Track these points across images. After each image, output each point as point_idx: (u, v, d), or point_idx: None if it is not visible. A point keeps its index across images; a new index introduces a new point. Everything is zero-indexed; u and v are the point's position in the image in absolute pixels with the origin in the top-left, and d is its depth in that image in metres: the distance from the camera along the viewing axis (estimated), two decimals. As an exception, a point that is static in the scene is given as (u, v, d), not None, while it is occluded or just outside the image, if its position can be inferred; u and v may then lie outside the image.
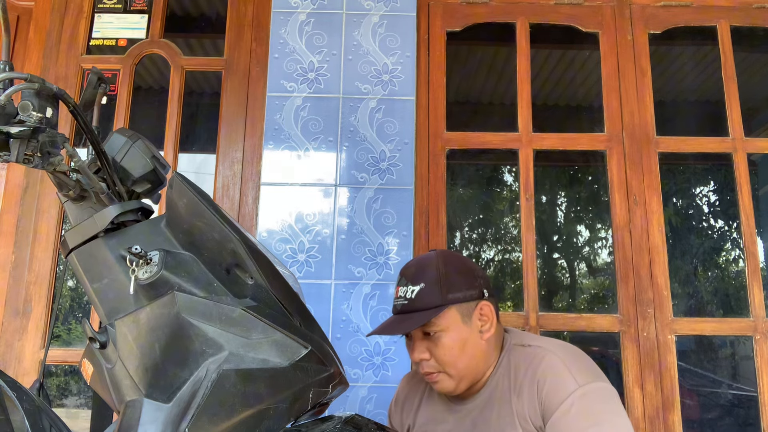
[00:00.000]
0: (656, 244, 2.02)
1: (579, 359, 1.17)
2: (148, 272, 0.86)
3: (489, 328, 1.22)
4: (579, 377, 1.11)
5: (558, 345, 1.20)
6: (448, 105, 2.14)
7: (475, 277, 1.24)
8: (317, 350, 0.89)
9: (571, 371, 1.12)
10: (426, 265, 1.22)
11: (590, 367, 1.16)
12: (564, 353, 1.17)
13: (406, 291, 1.21)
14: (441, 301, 1.18)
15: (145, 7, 2.25)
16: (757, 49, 2.81)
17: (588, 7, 2.23)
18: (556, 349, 1.18)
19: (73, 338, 3.41)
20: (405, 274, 1.24)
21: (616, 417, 1.09)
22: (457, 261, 1.25)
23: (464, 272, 1.23)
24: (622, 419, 1.09)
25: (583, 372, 1.13)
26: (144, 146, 0.99)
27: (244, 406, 0.82)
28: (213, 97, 2.58)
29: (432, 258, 1.24)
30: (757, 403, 1.94)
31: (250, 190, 2.07)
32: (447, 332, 1.18)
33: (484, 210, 6.20)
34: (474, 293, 1.22)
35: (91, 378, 0.92)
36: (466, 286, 1.21)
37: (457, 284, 1.20)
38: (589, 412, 1.08)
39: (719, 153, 2.16)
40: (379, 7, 2.07)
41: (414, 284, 1.20)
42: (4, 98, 0.77)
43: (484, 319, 1.22)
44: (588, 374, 1.13)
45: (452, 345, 1.18)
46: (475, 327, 1.21)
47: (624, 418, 1.10)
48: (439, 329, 1.18)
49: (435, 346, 1.19)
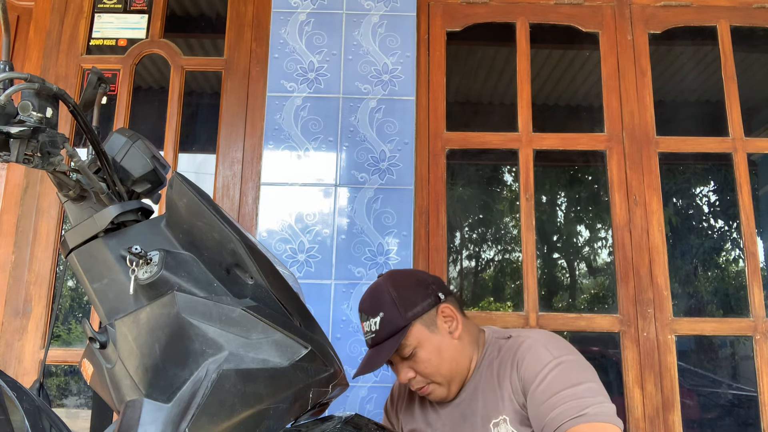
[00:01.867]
0: (656, 244, 2.02)
1: (556, 340, 1.23)
2: (148, 272, 0.86)
3: (456, 326, 1.27)
4: (554, 351, 1.17)
5: (536, 331, 1.28)
6: (448, 105, 2.14)
7: (427, 285, 1.28)
8: (317, 350, 0.89)
9: (547, 347, 1.18)
10: (378, 294, 1.26)
11: (566, 346, 1.21)
12: (541, 335, 1.24)
13: (369, 325, 1.25)
14: (403, 323, 1.22)
15: (145, 7, 2.25)
16: (757, 49, 2.81)
17: (588, 7, 2.23)
18: (534, 334, 1.25)
19: (73, 338, 3.41)
20: (363, 309, 1.28)
21: (590, 381, 1.13)
22: (404, 278, 1.29)
23: (414, 286, 1.27)
24: (596, 384, 1.13)
25: (559, 348, 1.19)
26: (144, 146, 0.99)
27: (244, 406, 0.82)
28: (213, 97, 2.58)
29: (381, 285, 1.28)
30: (757, 403, 1.94)
31: (250, 190, 2.07)
32: (421, 347, 1.23)
33: (484, 210, 6.20)
34: (431, 301, 1.26)
35: (91, 378, 0.92)
36: (421, 298, 1.26)
37: (413, 300, 1.24)
38: (566, 376, 1.13)
39: (719, 153, 2.16)
40: (379, 7, 2.07)
41: (374, 316, 1.24)
42: (4, 98, 0.77)
43: (449, 320, 1.27)
44: (565, 349, 1.19)
45: (430, 356, 1.23)
46: (444, 330, 1.25)
47: (597, 383, 1.14)
48: (412, 348, 1.23)
49: (415, 363, 1.24)
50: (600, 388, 1.13)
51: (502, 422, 1.18)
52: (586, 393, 1.10)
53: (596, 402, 1.09)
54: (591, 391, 1.11)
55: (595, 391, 1.11)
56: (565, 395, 1.10)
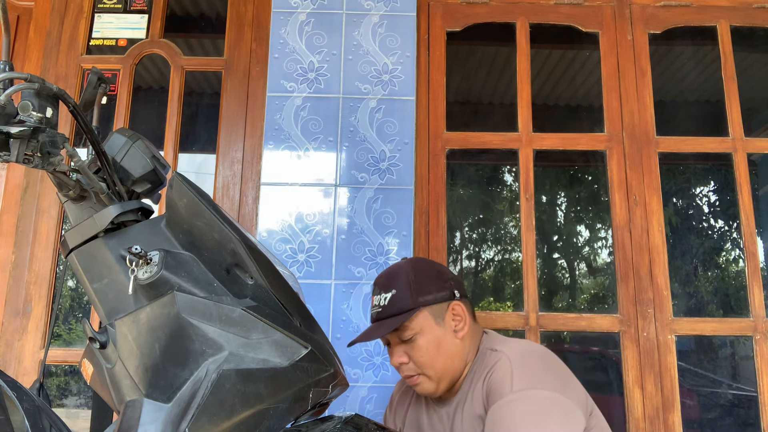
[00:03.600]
0: (656, 244, 2.02)
1: (530, 365, 1.16)
2: (148, 272, 0.86)
3: (463, 327, 1.26)
4: (517, 383, 1.10)
5: (519, 351, 1.19)
6: (448, 105, 2.14)
7: (446, 279, 1.29)
8: (317, 350, 0.89)
9: (513, 377, 1.12)
10: (396, 273, 1.28)
11: (536, 374, 1.14)
12: (517, 358, 1.16)
13: (379, 299, 1.26)
14: (412, 305, 1.23)
15: (145, 7, 2.25)
16: (757, 49, 2.81)
17: (588, 7, 2.23)
18: (513, 353, 1.18)
19: (74, 338, 3.41)
20: (378, 283, 1.30)
21: (532, 427, 1.05)
22: (426, 266, 1.31)
23: (433, 276, 1.28)
24: (536, 429, 1.04)
25: (524, 378, 1.12)
26: (144, 146, 0.99)
27: (244, 406, 0.82)
28: (213, 97, 2.58)
29: (402, 266, 1.29)
30: (757, 403, 1.94)
31: (250, 190, 2.07)
32: (422, 334, 1.23)
33: (484, 210, 6.20)
34: (445, 294, 1.27)
35: (91, 378, 0.92)
36: (436, 288, 1.26)
37: (427, 287, 1.25)
38: (507, 422, 1.06)
39: (719, 153, 2.16)
40: (379, 7, 2.07)
41: (386, 291, 1.26)
42: (4, 98, 0.77)
43: (457, 319, 1.27)
44: (529, 381, 1.11)
45: (428, 346, 1.23)
46: (449, 327, 1.25)
47: (540, 427, 1.05)
48: (413, 332, 1.23)
49: (412, 349, 1.24)
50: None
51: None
52: None
53: None
54: None
55: None
56: None
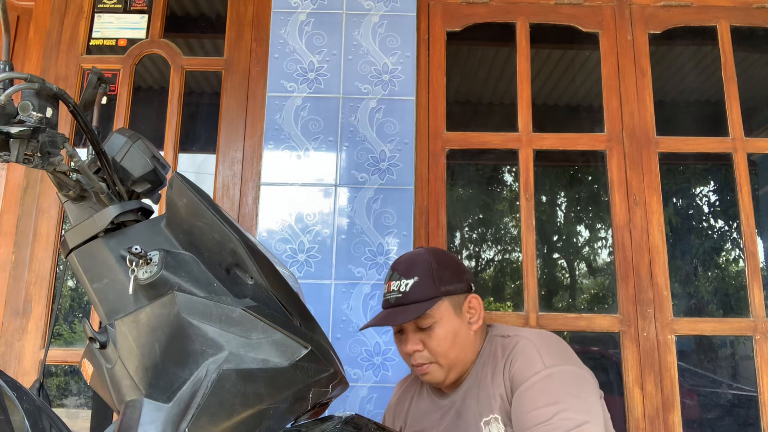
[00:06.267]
0: (656, 244, 2.02)
1: (552, 344, 1.21)
2: (148, 272, 0.86)
3: (477, 320, 1.28)
4: (547, 359, 1.15)
5: (534, 332, 1.25)
6: (448, 105, 2.14)
7: (463, 272, 1.30)
8: (317, 350, 0.89)
9: (540, 353, 1.16)
10: (417, 260, 1.27)
11: (561, 352, 1.19)
12: (537, 338, 1.21)
13: (399, 285, 1.25)
14: (435, 293, 1.23)
15: (145, 7, 2.25)
16: (757, 49, 2.81)
17: (588, 7, 2.23)
18: (531, 335, 1.23)
19: (75, 338, 3.41)
20: (397, 268, 1.28)
21: (574, 398, 1.10)
22: (445, 256, 1.31)
23: (453, 267, 1.29)
24: (580, 401, 1.10)
25: (552, 355, 1.16)
26: (144, 146, 0.99)
27: (244, 406, 0.82)
28: (213, 97, 2.58)
29: (422, 253, 1.29)
30: (757, 403, 1.94)
31: (250, 190, 2.07)
32: (440, 323, 1.23)
33: (484, 210, 6.20)
34: (463, 286, 1.28)
35: (91, 378, 0.92)
36: (456, 279, 1.27)
37: (448, 278, 1.26)
38: (550, 391, 1.11)
39: (719, 153, 2.16)
40: (379, 7, 2.07)
41: (407, 278, 1.24)
42: (4, 98, 0.77)
43: (473, 312, 1.28)
44: (557, 358, 1.17)
45: (445, 336, 1.23)
46: (465, 318, 1.26)
47: (583, 399, 1.11)
48: (433, 321, 1.23)
49: (428, 338, 1.24)
50: (584, 406, 1.09)
51: (493, 420, 1.18)
52: (566, 415, 1.07)
53: (571, 427, 1.05)
54: (572, 411, 1.07)
55: (577, 410, 1.08)
56: (542, 414, 1.07)
